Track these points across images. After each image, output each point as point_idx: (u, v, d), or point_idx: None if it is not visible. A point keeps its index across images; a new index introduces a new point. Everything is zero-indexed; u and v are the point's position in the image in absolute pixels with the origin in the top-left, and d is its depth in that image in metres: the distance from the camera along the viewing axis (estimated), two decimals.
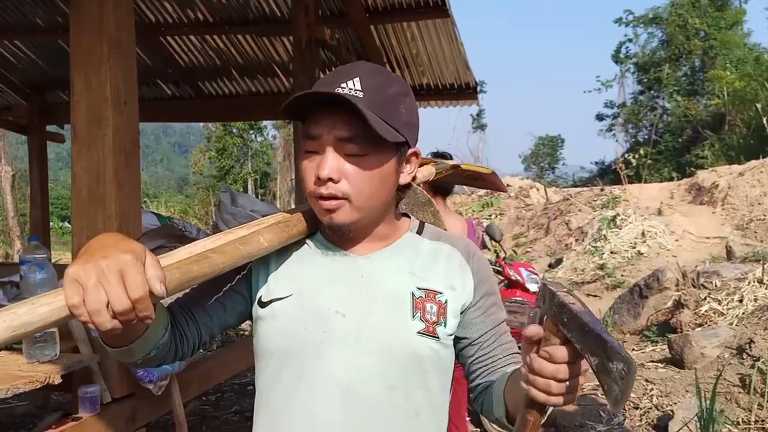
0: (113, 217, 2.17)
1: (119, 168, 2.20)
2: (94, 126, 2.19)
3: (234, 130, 26.49)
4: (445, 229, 1.23)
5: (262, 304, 1.07)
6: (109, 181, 2.17)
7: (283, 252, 1.08)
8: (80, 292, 0.71)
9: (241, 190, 25.33)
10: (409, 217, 1.18)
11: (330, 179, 0.97)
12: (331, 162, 0.97)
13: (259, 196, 23.16)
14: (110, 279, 0.72)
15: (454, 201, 15.61)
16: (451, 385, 1.12)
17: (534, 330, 0.84)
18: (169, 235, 3.18)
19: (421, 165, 1.76)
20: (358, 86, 0.97)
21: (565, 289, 0.87)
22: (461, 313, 1.07)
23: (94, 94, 2.19)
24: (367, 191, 0.99)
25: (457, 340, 1.10)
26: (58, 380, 1.83)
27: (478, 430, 4.25)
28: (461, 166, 2.11)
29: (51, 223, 9.16)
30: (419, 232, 1.14)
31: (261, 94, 6.31)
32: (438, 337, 1.04)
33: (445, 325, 1.05)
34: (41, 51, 5.77)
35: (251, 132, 26.99)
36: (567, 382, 0.83)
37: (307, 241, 1.11)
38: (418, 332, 1.02)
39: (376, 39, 5.25)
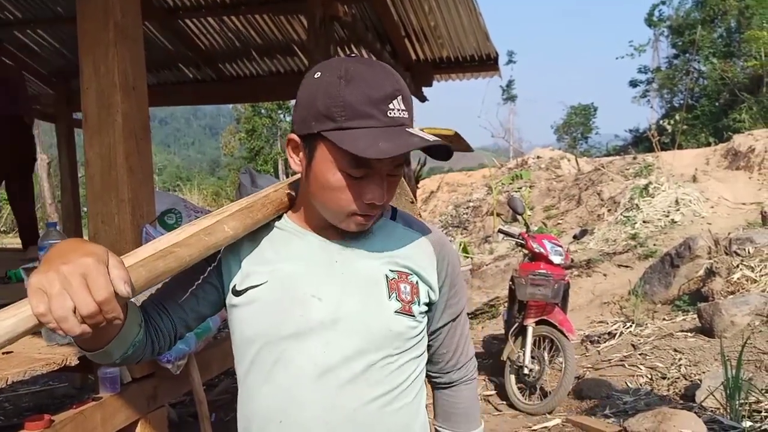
0: (126, 202, 2.20)
1: (130, 153, 2.23)
2: (103, 112, 2.21)
3: (263, 111, 26.60)
4: (420, 216, 1.24)
5: (237, 293, 1.07)
6: (121, 166, 2.20)
7: (254, 238, 1.08)
8: (45, 300, 0.71)
9: (272, 170, 25.51)
10: None
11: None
12: (386, 184, 1.00)
13: (289, 176, 23.25)
14: (73, 284, 0.72)
15: (484, 174, 15.46)
16: (425, 352, 1.16)
17: None
18: None
19: None
20: (403, 106, 0.96)
21: None
22: (429, 301, 1.11)
23: (102, 80, 2.22)
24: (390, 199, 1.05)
25: None
26: (75, 362, 1.88)
27: (504, 402, 4.26)
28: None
29: (86, 208, 9.36)
30: (393, 218, 1.15)
31: (282, 74, 6.32)
32: (414, 315, 1.07)
33: (419, 304, 1.08)
34: (64, 39, 5.85)
35: (279, 112, 27.08)
36: None
37: (276, 224, 1.10)
38: (395, 311, 1.04)
39: (394, 13, 5.19)
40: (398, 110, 0.95)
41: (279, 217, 1.11)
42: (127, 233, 2.19)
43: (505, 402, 4.25)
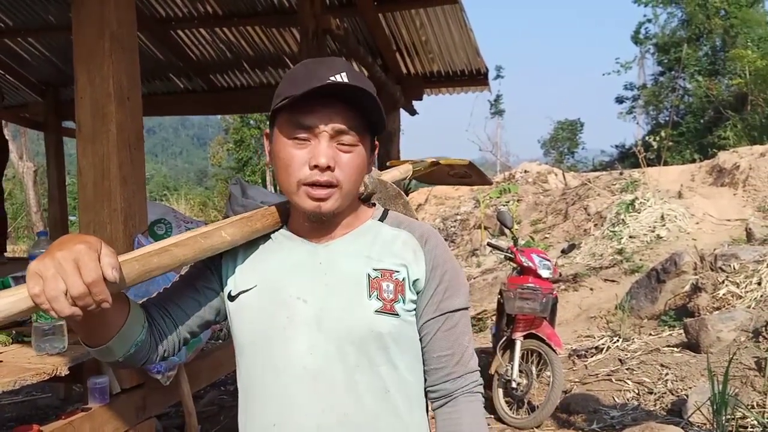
0: (118, 212, 2.20)
1: (123, 163, 2.23)
2: (98, 122, 2.22)
3: (251, 122, 26.52)
4: (417, 218, 1.25)
5: (232, 298, 1.11)
6: (114, 176, 2.20)
7: (250, 246, 1.12)
8: (40, 282, 0.78)
9: (260, 181, 25.41)
10: (374, 206, 1.20)
11: (328, 167, 1.00)
12: (329, 150, 1.01)
13: (277, 188, 23.23)
14: (66, 267, 0.78)
15: (471, 189, 15.52)
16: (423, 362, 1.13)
17: None
18: None
19: (399, 164, 1.80)
20: (346, 79, 1.00)
21: None
22: (417, 293, 1.10)
23: (97, 90, 2.23)
24: (353, 179, 1.05)
25: None
26: (65, 372, 1.87)
27: (492, 416, 4.26)
28: (440, 162, 2.15)
29: (73, 218, 9.29)
30: (382, 219, 1.16)
31: (272, 86, 6.33)
32: (397, 314, 1.06)
33: (403, 302, 1.07)
34: (55, 48, 5.84)
35: (269, 123, 27.04)
36: None
37: (273, 234, 1.14)
38: (376, 311, 1.05)
39: (385, 27, 5.23)
40: (341, 82, 1.00)
41: (279, 228, 1.15)
42: (119, 243, 2.19)
43: (492, 416, 4.25)
